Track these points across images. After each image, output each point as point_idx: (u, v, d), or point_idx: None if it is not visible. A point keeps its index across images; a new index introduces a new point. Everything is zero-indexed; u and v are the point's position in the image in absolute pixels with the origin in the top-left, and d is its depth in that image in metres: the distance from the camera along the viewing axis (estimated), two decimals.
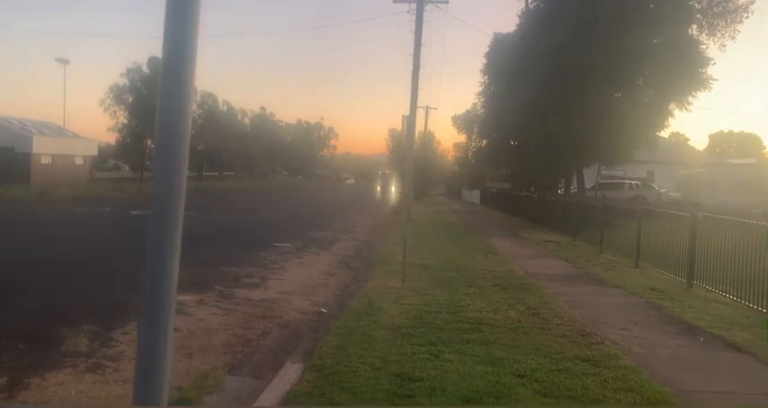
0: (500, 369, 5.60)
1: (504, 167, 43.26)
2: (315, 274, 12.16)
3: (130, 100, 57.12)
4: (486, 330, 7.09)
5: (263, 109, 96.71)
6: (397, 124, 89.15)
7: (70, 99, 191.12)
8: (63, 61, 67.10)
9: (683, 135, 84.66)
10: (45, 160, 50.76)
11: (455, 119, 55.35)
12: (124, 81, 57.40)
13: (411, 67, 26.74)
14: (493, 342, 6.54)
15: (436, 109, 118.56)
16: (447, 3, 27.47)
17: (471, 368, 5.61)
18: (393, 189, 49.67)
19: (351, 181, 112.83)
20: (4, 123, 50.86)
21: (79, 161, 56.78)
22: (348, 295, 9.49)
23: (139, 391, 2.42)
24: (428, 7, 27.02)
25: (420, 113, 43.54)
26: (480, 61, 35.15)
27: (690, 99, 23.15)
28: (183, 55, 2.41)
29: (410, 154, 25.12)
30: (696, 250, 10.45)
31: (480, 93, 37.86)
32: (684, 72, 22.01)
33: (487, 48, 33.87)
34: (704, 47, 22.75)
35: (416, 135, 37.73)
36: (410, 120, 26.70)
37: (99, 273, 11.43)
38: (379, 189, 57.76)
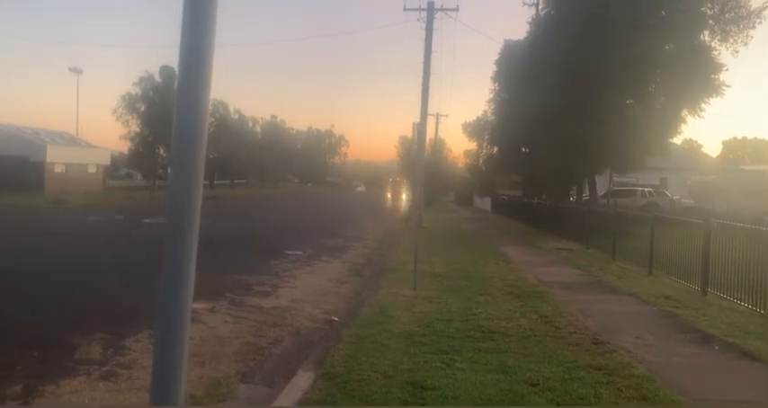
0: (512, 378, 5.57)
1: (515, 174, 43.12)
2: (326, 282, 12.17)
3: (143, 109, 57.55)
4: (498, 338, 7.05)
5: (273, 117, 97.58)
6: (408, 131, 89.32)
7: (83, 108, 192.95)
8: (76, 71, 67.97)
9: (696, 141, 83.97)
10: (58, 169, 51.29)
11: (466, 127, 55.19)
12: (136, 90, 57.90)
13: (421, 75, 26.88)
14: (505, 351, 6.51)
15: (447, 116, 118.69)
16: (457, 10, 27.64)
17: (484, 377, 5.58)
18: (403, 196, 49.74)
19: (361, 188, 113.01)
20: (18, 132, 51.53)
21: (92, 169, 57.35)
22: (359, 303, 9.48)
23: (156, 398, 2.45)
24: (438, 15, 27.19)
25: (430, 120, 43.54)
26: (491, 68, 35.16)
27: (702, 105, 22.98)
28: (199, 65, 2.44)
29: (420, 161, 25.06)
30: (710, 257, 10.37)
31: (491, 100, 37.84)
32: (697, 78, 21.89)
33: (498, 56, 33.91)
34: (717, 53, 22.60)
35: (427, 142, 37.75)
36: (420, 127, 26.72)
37: (112, 281, 11.49)
38: (389, 196, 57.85)
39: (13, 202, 34.29)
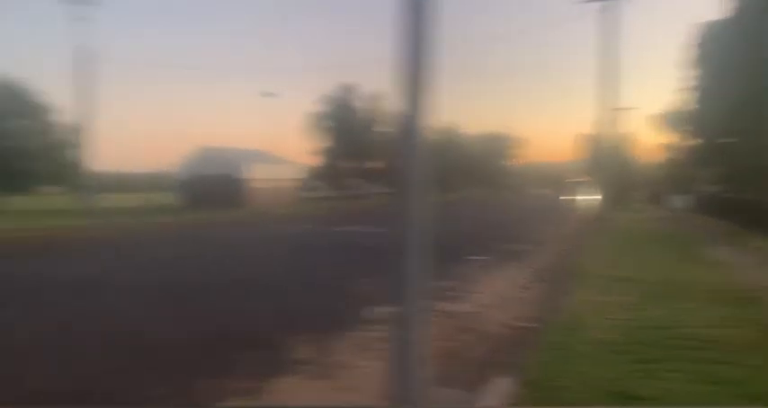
0: (729, 390, 5.14)
1: (718, 168, 39.11)
2: (513, 287, 12.07)
3: (328, 125, 61.49)
4: (707, 348, 6.52)
5: (451, 123, 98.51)
6: (588, 128, 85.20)
7: (277, 128, 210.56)
8: (268, 94, 74.52)
9: None
10: (258, 184, 56.60)
11: (656, 119, 51.27)
12: (322, 108, 62.05)
13: (599, 68, 25.66)
14: (717, 361, 6.00)
15: (633, 109, 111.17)
16: None
17: (695, 388, 5.22)
18: (588, 196, 47.54)
19: (543, 190, 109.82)
20: (223, 153, 57.77)
21: (287, 183, 62.45)
22: (549, 309, 9.29)
23: (395, 394, 2.68)
24: (616, 2, 25.81)
25: (615, 115, 41.21)
26: (674, 54, 32.47)
27: None
28: (418, 82, 2.66)
29: (606, 159, 23.91)
30: None
31: (688, 88, 34.88)
32: None
33: (699, 39, 31.14)
34: None
35: (612, 137, 35.78)
36: (604, 123, 25.49)
37: (317, 285, 12.43)
38: (572, 197, 55.66)
39: (223, 217, 38.49)
